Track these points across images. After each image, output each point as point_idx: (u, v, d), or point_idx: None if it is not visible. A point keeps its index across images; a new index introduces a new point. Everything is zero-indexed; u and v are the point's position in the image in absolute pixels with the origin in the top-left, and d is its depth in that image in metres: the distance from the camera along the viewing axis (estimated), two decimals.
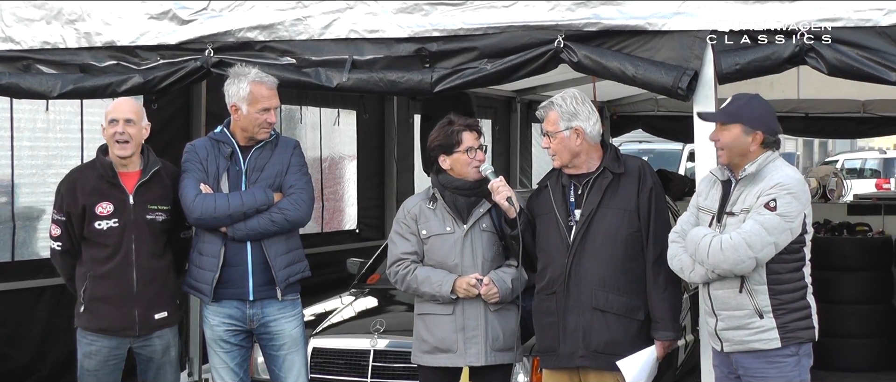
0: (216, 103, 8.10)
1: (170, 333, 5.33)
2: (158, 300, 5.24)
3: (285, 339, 5.23)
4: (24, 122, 7.14)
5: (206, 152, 5.22)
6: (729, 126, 4.50)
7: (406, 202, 5.33)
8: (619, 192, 4.84)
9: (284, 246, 5.20)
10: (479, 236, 5.09)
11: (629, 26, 4.93)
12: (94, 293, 5.19)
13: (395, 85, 5.30)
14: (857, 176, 25.10)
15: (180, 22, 5.56)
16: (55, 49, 5.76)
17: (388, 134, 10.12)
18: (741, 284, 4.44)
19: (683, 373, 6.80)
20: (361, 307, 6.75)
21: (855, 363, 8.73)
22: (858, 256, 8.87)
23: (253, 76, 5.16)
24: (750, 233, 4.33)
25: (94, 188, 5.19)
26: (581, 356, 4.83)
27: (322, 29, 5.36)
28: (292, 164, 5.22)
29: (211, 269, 5.15)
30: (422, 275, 5.08)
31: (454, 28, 5.18)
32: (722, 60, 4.79)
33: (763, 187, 4.41)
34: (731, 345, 4.52)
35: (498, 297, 5.02)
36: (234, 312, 5.19)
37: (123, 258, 5.15)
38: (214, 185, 5.16)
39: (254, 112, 5.14)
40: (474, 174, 5.07)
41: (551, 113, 4.88)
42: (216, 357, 5.27)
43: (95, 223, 5.15)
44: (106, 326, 5.19)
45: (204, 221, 5.12)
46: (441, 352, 5.08)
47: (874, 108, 11.20)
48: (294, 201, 5.16)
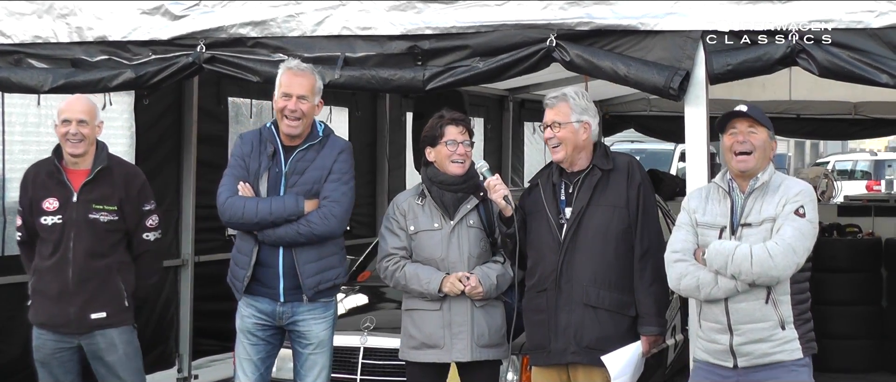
0: (208, 99, 8.12)
1: (114, 333, 5.30)
2: (96, 301, 5.25)
3: (313, 340, 5.21)
4: (15, 117, 7.12)
5: (250, 147, 5.13)
6: (758, 128, 4.46)
7: (396, 198, 5.35)
8: (608, 188, 4.86)
9: (316, 254, 5.10)
10: (466, 233, 5.10)
11: (621, 26, 4.94)
12: (35, 287, 5.33)
13: (387, 83, 5.30)
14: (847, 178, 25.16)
15: (172, 17, 5.55)
16: (47, 43, 5.74)
17: (380, 132, 10.11)
18: (768, 295, 4.37)
19: (673, 373, 6.81)
20: (352, 305, 6.74)
21: (844, 364, 8.76)
22: (848, 257, 8.90)
23: (287, 63, 5.10)
24: (794, 238, 4.27)
25: (43, 184, 5.30)
26: (573, 352, 4.84)
27: (314, 25, 5.35)
28: (334, 170, 5.09)
29: (244, 267, 5.14)
30: (410, 272, 5.10)
31: (447, 26, 5.18)
32: (714, 61, 4.79)
33: (786, 195, 4.37)
34: (750, 360, 4.41)
35: (482, 294, 5.03)
36: (265, 307, 5.17)
37: (62, 255, 5.23)
38: (254, 184, 5.08)
39: (277, 98, 5.07)
40: (454, 169, 5.08)
41: (563, 104, 4.88)
42: (241, 347, 5.25)
43: (41, 219, 5.27)
44: (45, 320, 5.29)
45: (232, 224, 5.13)
46: (428, 348, 5.11)
47: (865, 109, 11.23)
48: (323, 215, 5.04)
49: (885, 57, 4.61)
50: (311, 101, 5.07)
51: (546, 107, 4.95)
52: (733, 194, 4.48)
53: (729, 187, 4.49)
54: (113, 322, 5.30)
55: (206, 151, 8.11)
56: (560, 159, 4.91)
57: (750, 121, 4.46)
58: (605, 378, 4.83)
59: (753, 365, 4.42)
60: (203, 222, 8.08)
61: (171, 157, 7.71)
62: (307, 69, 5.09)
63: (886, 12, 4.61)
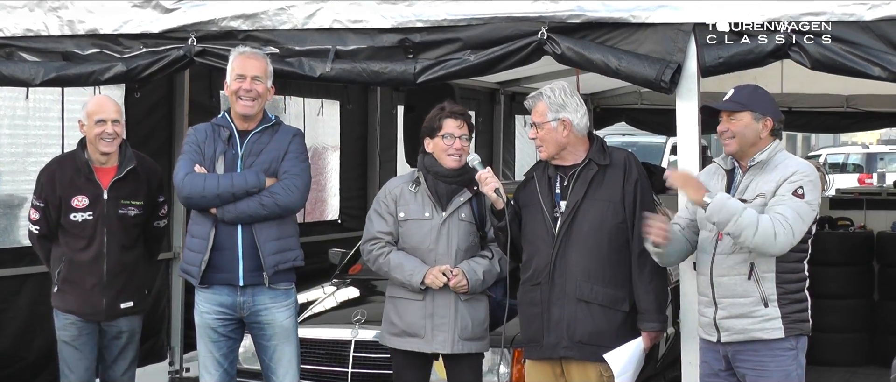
0: (199, 92, 8.10)
1: (136, 319, 5.66)
2: (125, 290, 5.55)
3: (276, 330, 5.19)
4: (3, 110, 7.11)
5: (204, 135, 5.20)
6: (738, 114, 4.49)
7: (389, 183, 5.36)
8: (604, 183, 4.85)
9: (276, 232, 5.13)
10: (457, 226, 5.10)
11: (613, 19, 4.94)
12: (66, 277, 5.52)
13: (378, 75, 5.29)
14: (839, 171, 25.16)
15: (163, 10, 5.54)
16: (38, 36, 5.73)
17: (371, 125, 10.10)
18: (751, 270, 4.42)
19: (665, 366, 6.82)
20: (343, 298, 6.74)
21: (836, 357, 8.77)
22: (840, 251, 8.90)
23: (238, 49, 5.22)
24: (794, 220, 4.31)
25: (70, 181, 5.47)
26: (565, 346, 4.84)
27: (305, 18, 5.35)
28: (290, 150, 5.17)
29: (200, 251, 5.11)
30: (394, 261, 5.10)
31: (438, 19, 5.17)
32: (705, 54, 4.80)
33: (782, 175, 4.41)
34: (731, 335, 4.48)
35: (467, 288, 5.04)
36: (224, 299, 5.14)
37: (96, 250, 5.45)
38: (210, 167, 5.12)
39: (230, 80, 5.15)
40: (449, 163, 5.08)
41: (539, 104, 4.87)
42: (203, 345, 5.25)
43: (71, 215, 5.46)
44: (75, 309, 5.51)
45: (192, 200, 5.07)
46: (409, 336, 5.12)
47: (858, 102, 11.22)
48: (286, 186, 5.10)
49: (878, 50, 4.61)
50: (265, 83, 5.16)
51: (526, 107, 4.96)
52: (735, 171, 4.57)
53: (732, 165, 4.58)
54: (138, 310, 5.65)
55: None
56: (544, 158, 4.93)
57: (728, 111, 4.51)
58: (600, 373, 4.82)
59: (735, 341, 4.48)
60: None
61: (162, 150, 7.68)
62: (259, 53, 5.21)
63: (879, 4, 4.61)
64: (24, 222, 7.16)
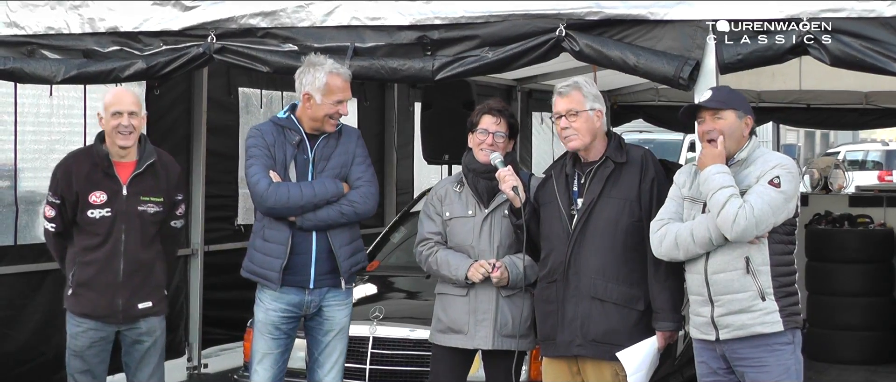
0: (218, 90, 8.14)
1: (156, 321, 5.39)
2: (142, 290, 5.30)
3: (334, 326, 5.27)
4: (27, 107, 7.15)
5: (273, 138, 5.18)
6: (722, 113, 4.51)
7: (436, 184, 5.44)
8: (620, 181, 4.84)
9: (348, 236, 5.22)
10: (499, 222, 5.13)
11: (631, 15, 4.93)
12: (80, 279, 5.29)
13: (396, 73, 5.31)
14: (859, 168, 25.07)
15: (183, 8, 5.56)
16: (59, 34, 5.76)
17: (389, 122, 10.13)
18: (747, 265, 4.43)
19: (682, 364, 6.81)
20: (361, 294, 6.76)
21: (855, 355, 8.73)
22: (860, 248, 8.87)
23: (329, 66, 5.13)
24: (760, 211, 4.33)
25: (88, 177, 5.26)
26: (578, 344, 4.83)
27: (324, 16, 5.36)
28: (357, 154, 5.24)
29: (278, 256, 5.14)
30: (441, 258, 5.16)
31: (456, 16, 5.18)
32: (724, 50, 4.79)
33: (762, 168, 4.44)
34: (731, 331, 4.48)
35: (507, 282, 5.05)
36: (293, 298, 5.19)
37: (112, 248, 5.24)
38: (282, 173, 5.13)
39: (328, 103, 5.12)
40: (482, 157, 5.11)
41: (576, 92, 4.86)
42: (263, 341, 5.25)
43: (88, 212, 5.24)
44: (90, 311, 5.29)
45: (276, 211, 5.11)
46: (453, 333, 5.15)
47: (877, 99, 11.18)
48: (363, 194, 5.19)
49: None
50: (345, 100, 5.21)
51: (558, 96, 4.91)
52: None
53: None
54: (157, 311, 5.38)
55: (216, 141, 8.14)
56: (576, 148, 4.87)
57: (712, 110, 4.51)
58: (614, 372, 4.81)
59: (735, 337, 4.47)
60: (213, 211, 8.11)
61: (181, 147, 7.73)
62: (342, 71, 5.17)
63: None
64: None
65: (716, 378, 4.61)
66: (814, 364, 8.24)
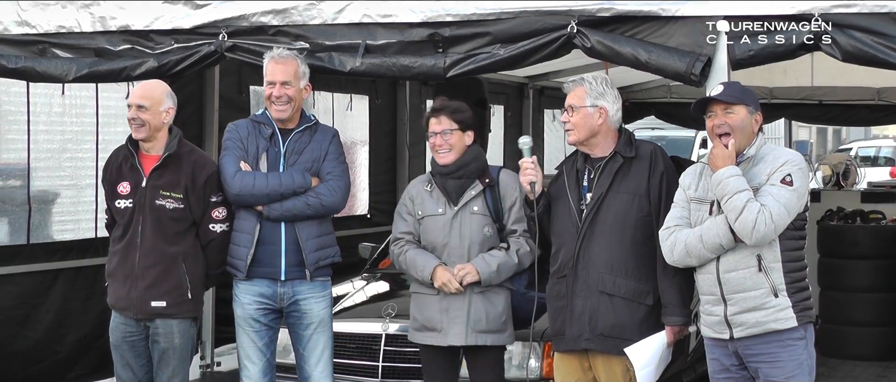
0: (229, 88, 8.15)
1: (173, 324, 5.26)
2: (157, 288, 5.22)
3: (313, 319, 5.33)
4: (40, 106, 7.17)
5: (246, 132, 5.31)
6: (734, 108, 4.49)
7: (409, 184, 5.47)
8: (629, 176, 4.84)
9: (316, 230, 5.29)
10: (469, 219, 5.16)
11: (642, 12, 4.93)
12: (108, 269, 5.42)
13: (407, 70, 5.32)
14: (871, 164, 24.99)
15: (194, 6, 5.58)
16: (70, 33, 5.78)
17: (400, 119, 10.12)
18: (759, 263, 4.42)
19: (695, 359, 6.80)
20: (373, 292, 6.77)
21: (866, 351, 8.72)
22: (871, 244, 8.85)
23: (270, 53, 5.27)
24: (778, 214, 4.32)
25: (118, 168, 5.38)
26: (587, 338, 4.84)
27: (335, 13, 5.37)
28: (330, 151, 5.33)
29: (245, 246, 5.25)
30: (410, 258, 5.21)
31: (467, 13, 5.18)
32: (735, 46, 4.78)
33: (773, 165, 4.43)
34: (745, 329, 4.46)
35: (475, 278, 5.08)
36: (265, 290, 5.29)
37: (130, 239, 5.29)
38: (253, 164, 5.25)
39: (267, 87, 5.25)
40: (439, 159, 5.18)
41: (579, 88, 4.88)
42: (245, 336, 5.35)
43: (116, 202, 5.35)
44: (114, 302, 5.37)
45: (242, 197, 5.21)
46: (427, 330, 5.20)
47: (889, 95, 11.14)
48: (330, 188, 5.27)
49: None
50: (296, 85, 5.25)
51: (566, 90, 4.96)
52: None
53: None
54: (172, 313, 5.26)
55: None
56: (573, 142, 4.92)
57: (725, 104, 4.49)
58: (625, 368, 4.81)
59: (749, 335, 4.47)
60: None
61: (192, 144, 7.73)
62: (289, 56, 5.27)
63: None
64: (57, 217, 7.30)
65: (728, 374, 4.60)
66: (826, 361, 8.23)
